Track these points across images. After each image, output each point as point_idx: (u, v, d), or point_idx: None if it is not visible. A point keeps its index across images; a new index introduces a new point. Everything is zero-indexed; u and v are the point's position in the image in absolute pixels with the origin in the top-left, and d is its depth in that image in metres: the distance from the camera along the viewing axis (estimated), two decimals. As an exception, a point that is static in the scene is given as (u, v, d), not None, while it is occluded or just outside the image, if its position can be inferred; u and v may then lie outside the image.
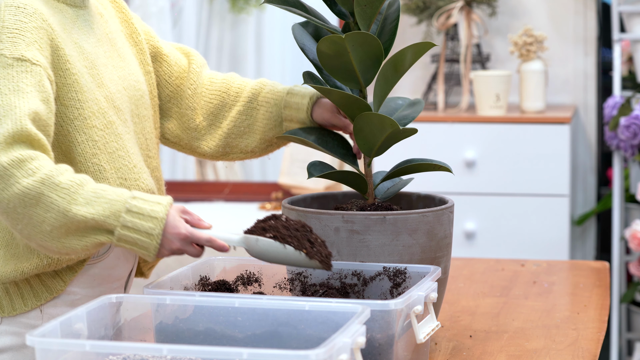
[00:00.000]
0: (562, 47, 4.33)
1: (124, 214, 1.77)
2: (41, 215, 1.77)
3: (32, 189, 1.75)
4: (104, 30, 2.07)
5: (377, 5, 1.95)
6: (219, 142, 2.21)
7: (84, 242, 1.79)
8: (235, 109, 2.20)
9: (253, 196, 4.93)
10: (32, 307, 1.97)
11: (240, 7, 5.58)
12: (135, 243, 1.77)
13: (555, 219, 3.93)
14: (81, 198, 1.77)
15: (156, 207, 1.78)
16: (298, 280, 1.93)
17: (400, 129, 1.94)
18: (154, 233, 1.77)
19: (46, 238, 1.79)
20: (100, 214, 1.76)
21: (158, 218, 1.77)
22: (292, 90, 2.18)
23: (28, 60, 1.86)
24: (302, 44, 2.06)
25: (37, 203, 1.76)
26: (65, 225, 1.77)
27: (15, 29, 1.87)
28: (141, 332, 1.77)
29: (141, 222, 1.77)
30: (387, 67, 1.95)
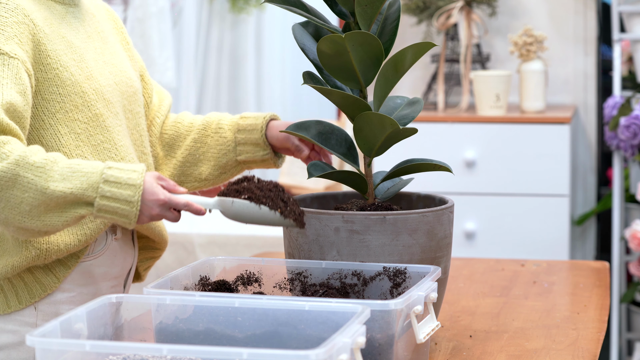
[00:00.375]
0: (562, 47, 4.33)
1: (102, 184, 1.80)
2: (19, 197, 1.79)
3: (7, 171, 1.78)
4: (95, 28, 2.10)
5: (377, 6, 1.95)
6: (173, 172, 2.26)
7: (64, 218, 1.82)
8: (189, 138, 2.26)
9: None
10: (26, 304, 1.98)
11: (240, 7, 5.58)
12: (115, 212, 1.81)
13: (555, 219, 3.93)
14: (57, 174, 1.80)
15: (132, 174, 1.82)
16: (298, 280, 1.93)
17: (400, 128, 1.94)
18: (133, 200, 1.81)
19: (25, 218, 1.81)
20: (78, 187, 1.80)
21: (136, 185, 1.81)
22: (245, 115, 2.24)
23: (6, 54, 1.89)
24: (302, 44, 2.07)
25: (14, 184, 1.79)
26: (44, 203, 1.80)
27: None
28: (141, 332, 1.77)
29: (119, 190, 1.81)
30: (387, 67, 1.95)
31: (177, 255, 4.16)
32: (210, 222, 4.50)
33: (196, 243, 4.23)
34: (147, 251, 2.19)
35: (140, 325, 1.76)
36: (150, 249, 2.19)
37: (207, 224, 4.40)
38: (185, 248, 4.22)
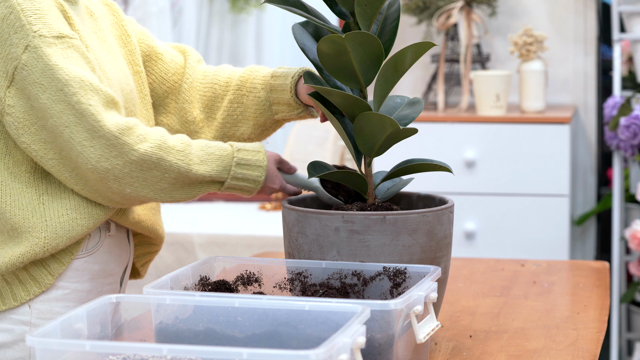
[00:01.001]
0: (562, 47, 4.33)
1: (234, 167, 1.98)
2: (158, 176, 1.91)
3: (150, 154, 1.89)
4: (93, 28, 2.09)
5: (377, 5, 1.95)
6: (216, 133, 2.24)
7: (192, 193, 1.98)
8: (226, 98, 2.23)
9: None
10: (21, 301, 1.98)
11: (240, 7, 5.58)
12: (241, 189, 2.01)
13: (555, 219, 3.93)
14: (196, 158, 1.95)
15: (258, 155, 2.01)
16: (298, 280, 1.93)
17: (400, 128, 1.94)
18: (259, 180, 2.01)
19: (156, 194, 1.94)
20: (215, 170, 1.96)
21: (262, 166, 2.01)
22: (276, 72, 2.21)
23: (67, 36, 1.91)
24: (302, 44, 2.06)
25: (156, 166, 1.90)
26: (181, 181, 1.94)
27: (37, 9, 1.89)
28: (141, 332, 1.77)
29: (249, 172, 2.00)
30: (387, 67, 1.95)
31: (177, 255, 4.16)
32: (210, 222, 4.50)
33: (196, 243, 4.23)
34: (143, 247, 2.19)
35: (140, 325, 1.76)
36: (147, 244, 2.19)
37: (207, 224, 4.40)
38: (185, 248, 4.22)
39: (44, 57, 1.86)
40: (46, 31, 1.87)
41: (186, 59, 2.26)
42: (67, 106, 1.86)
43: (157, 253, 2.23)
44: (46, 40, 1.87)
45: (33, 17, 1.88)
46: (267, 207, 4.77)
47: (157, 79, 2.23)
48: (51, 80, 1.86)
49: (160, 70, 2.23)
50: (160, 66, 2.23)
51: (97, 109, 1.86)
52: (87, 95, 1.86)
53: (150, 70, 2.22)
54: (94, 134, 1.86)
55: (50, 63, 1.86)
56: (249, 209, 4.80)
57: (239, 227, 4.39)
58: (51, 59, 1.87)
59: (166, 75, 2.23)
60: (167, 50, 2.26)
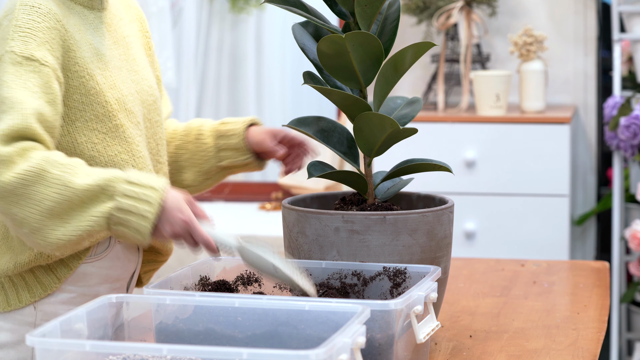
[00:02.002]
0: (562, 47, 4.33)
1: (123, 184, 1.80)
2: (42, 193, 1.78)
3: (34, 166, 1.78)
4: (121, 33, 2.08)
5: (377, 5, 1.95)
6: None
7: (88, 219, 1.79)
8: (172, 145, 2.26)
9: (253, 196, 4.94)
10: (26, 303, 1.98)
11: (240, 7, 5.58)
12: (133, 213, 1.79)
13: (555, 219, 3.93)
14: (81, 172, 1.80)
15: (154, 182, 1.82)
16: (298, 280, 1.93)
17: (400, 128, 1.94)
18: (152, 202, 1.80)
19: (45, 218, 1.79)
20: (101, 178, 1.80)
21: (158, 189, 1.81)
22: (225, 120, 2.25)
23: (37, 60, 1.87)
24: (302, 44, 2.06)
25: (38, 180, 1.78)
26: (68, 199, 1.79)
27: (28, 28, 1.88)
28: (141, 332, 1.77)
29: (141, 190, 1.81)
30: (387, 67, 1.95)
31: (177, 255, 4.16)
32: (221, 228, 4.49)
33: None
34: (151, 255, 2.18)
35: (140, 325, 1.76)
36: (155, 253, 2.18)
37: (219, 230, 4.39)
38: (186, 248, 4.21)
39: (2, 71, 1.85)
40: (19, 49, 1.86)
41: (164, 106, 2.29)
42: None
43: (164, 263, 2.22)
44: (14, 57, 1.86)
45: (18, 34, 1.88)
46: (267, 207, 4.77)
47: None
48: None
49: None
50: None
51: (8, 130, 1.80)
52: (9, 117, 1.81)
53: None
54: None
55: (2, 78, 1.85)
56: (249, 209, 4.80)
57: (239, 227, 4.39)
58: (5, 75, 1.85)
59: None
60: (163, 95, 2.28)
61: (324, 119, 2.09)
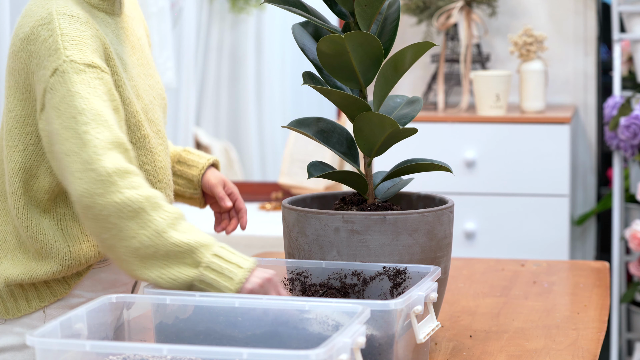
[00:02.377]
0: (562, 47, 4.33)
1: (218, 247, 1.74)
2: (133, 230, 1.71)
3: (134, 201, 1.71)
4: (135, 36, 2.05)
5: (377, 5, 1.95)
6: None
7: (167, 273, 1.72)
8: None
9: (253, 196, 4.94)
10: (35, 308, 1.98)
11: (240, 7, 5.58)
12: (222, 272, 1.73)
13: (555, 219, 3.93)
14: (179, 226, 1.73)
15: (243, 262, 1.74)
16: (298, 280, 1.93)
17: (400, 128, 1.94)
18: (244, 265, 1.73)
19: (129, 255, 1.72)
20: (194, 240, 1.72)
21: (244, 268, 1.73)
22: (190, 149, 2.24)
23: (98, 67, 1.83)
24: (302, 44, 2.06)
25: (134, 217, 1.71)
26: (155, 246, 1.71)
27: (77, 37, 1.83)
28: (141, 332, 1.77)
29: (232, 256, 1.74)
30: (387, 67, 1.95)
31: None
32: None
33: None
34: None
35: (140, 325, 1.76)
36: None
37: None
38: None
39: (68, 83, 1.79)
40: (78, 57, 1.80)
41: None
42: (74, 134, 1.75)
43: None
44: (76, 66, 1.80)
45: (70, 43, 1.81)
46: (267, 207, 4.77)
47: None
48: (68, 106, 1.78)
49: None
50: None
51: (102, 144, 1.75)
52: (98, 129, 1.76)
53: None
54: (87, 165, 1.73)
55: (73, 89, 1.78)
56: (249, 209, 4.79)
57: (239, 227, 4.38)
58: (75, 85, 1.79)
59: None
60: None
61: (324, 120, 2.09)
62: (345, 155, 2.08)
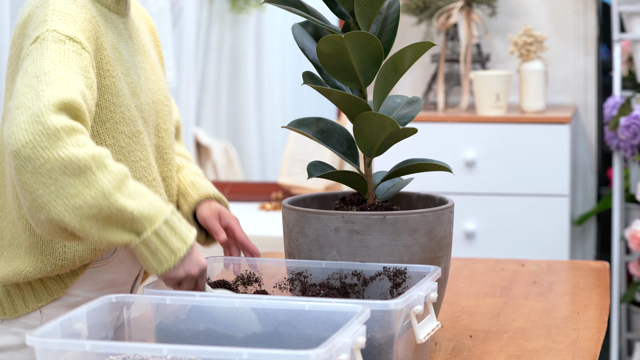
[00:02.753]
0: (562, 47, 4.33)
1: (161, 223, 1.73)
2: (76, 188, 1.68)
3: (80, 159, 1.67)
4: (141, 41, 2.06)
5: (377, 5, 1.95)
6: None
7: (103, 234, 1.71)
8: None
9: (253, 196, 4.94)
10: (32, 308, 1.97)
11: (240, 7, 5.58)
12: (154, 253, 1.74)
13: (555, 219, 3.93)
14: (125, 189, 1.71)
15: (189, 233, 1.76)
16: (298, 280, 1.93)
17: (400, 128, 1.94)
18: (177, 254, 1.74)
19: (68, 212, 1.68)
20: (140, 210, 1.71)
21: (187, 243, 1.75)
22: (196, 181, 2.18)
23: (80, 43, 1.81)
24: (302, 44, 2.06)
25: (79, 175, 1.67)
26: (99, 207, 1.69)
27: (67, 14, 1.83)
28: (141, 332, 1.77)
29: (172, 237, 1.74)
30: (386, 67, 1.95)
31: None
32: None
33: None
34: None
35: (140, 325, 1.76)
36: None
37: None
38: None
39: (44, 48, 1.77)
40: (61, 29, 1.79)
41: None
42: (32, 90, 1.72)
43: None
44: (57, 35, 1.79)
45: (58, 17, 1.81)
46: (267, 207, 4.77)
47: None
48: (35, 67, 1.75)
49: None
50: None
51: (56, 101, 1.70)
52: (56, 89, 1.72)
53: None
54: (36, 118, 1.68)
55: (46, 54, 1.76)
56: (249, 209, 4.80)
57: (239, 227, 4.38)
58: (49, 51, 1.77)
59: None
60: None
61: (323, 120, 2.09)
62: (345, 155, 2.08)
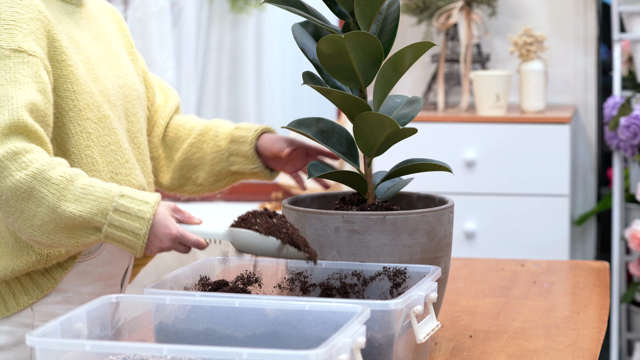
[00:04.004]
0: (562, 47, 4.33)
1: (112, 212, 1.80)
2: (32, 210, 1.79)
3: (24, 182, 1.77)
4: (100, 30, 2.09)
5: (377, 5, 1.95)
6: (173, 174, 2.27)
7: (73, 240, 1.82)
8: (187, 142, 2.27)
9: (253, 196, 4.94)
10: (24, 305, 1.98)
11: (240, 7, 5.58)
12: (122, 241, 1.81)
13: (555, 219, 3.93)
14: (70, 194, 1.79)
15: (143, 206, 1.81)
16: (298, 280, 1.93)
17: (400, 128, 1.94)
18: (140, 233, 1.80)
19: (36, 232, 1.81)
20: (88, 211, 1.79)
21: (145, 218, 1.80)
22: (240, 125, 2.26)
23: (25, 52, 1.87)
24: (302, 44, 2.06)
25: (29, 197, 1.78)
26: (55, 221, 1.79)
27: (12, 21, 1.88)
28: (141, 332, 1.77)
29: (128, 221, 1.80)
30: (386, 67, 1.95)
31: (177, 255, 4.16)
32: (210, 222, 4.49)
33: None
34: None
35: (140, 325, 1.76)
36: None
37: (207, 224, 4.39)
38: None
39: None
40: (5, 43, 1.86)
41: (166, 102, 2.29)
42: None
43: (151, 259, 2.22)
44: (1, 51, 1.86)
45: (3, 27, 1.88)
46: (267, 207, 4.78)
47: None
48: None
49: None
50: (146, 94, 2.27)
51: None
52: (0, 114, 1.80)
53: None
54: None
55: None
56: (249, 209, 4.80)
57: (239, 227, 4.38)
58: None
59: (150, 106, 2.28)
60: (154, 84, 2.29)
61: (323, 120, 2.09)
62: (345, 155, 2.08)
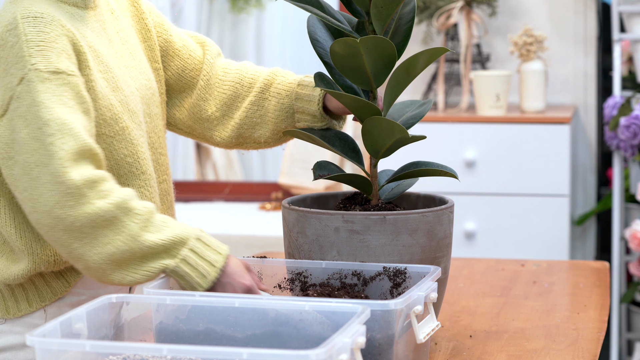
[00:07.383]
0: (562, 47, 4.33)
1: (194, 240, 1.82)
2: (109, 237, 1.77)
3: (106, 211, 1.76)
4: (115, 29, 2.03)
5: (393, 7, 1.94)
6: (231, 133, 2.19)
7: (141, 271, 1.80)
8: (247, 99, 2.18)
9: (253, 196, 4.94)
10: (36, 307, 1.97)
11: (240, 7, 5.58)
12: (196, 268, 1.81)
13: (555, 219, 3.93)
14: (153, 227, 1.79)
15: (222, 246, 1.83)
16: (298, 280, 1.93)
17: (409, 136, 1.94)
18: (216, 264, 1.81)
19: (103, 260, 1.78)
20: (170, 237, 1.79)
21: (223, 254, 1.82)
22: (303, 81, 2.17)
23: (64, 72, 1.83)
24: (314, 36, 2.06)
25: (109, 225, 1.77)
26: (131, 250, 1.78)
27: (41, 41, 1.83)
28: (141, 332, 1.77)
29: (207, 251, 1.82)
30: (399, 71, 1.95)
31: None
32: (210, 222, 4.50)
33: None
34: None
35: (140, 325, 1.76)
36: None
37: (207, 224, 4.40)
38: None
39: (33, 92, 1.80)
40: (43, 65, 1.81)
41: (205, 54, 2.21)
42: (41, 145, 1.78)
43: None
44: (41, 74, 1.81)
45: (35, 49, 1.82)
46: (267, 207, 4.77)
47: (174, 75, 2.19)
48: (34, 116, 1.79)
49: (178, 67, 2.18)
50: (177, 63, 2.18)
51: (68, 155, 1.77)
52: (63, 139, 1.78)
53: (167, 66, 2.17)
54: (56, 178, 1.76)
55: (38, 99, 1.80)
56: (249, 209, 4.80)
57: (239, 227, 4.39)
58: (40, 95, 1.80)
59: (183, 72, 2.18)
60: (185, 44, 2.20)
61: None
62: (350, 157, 2.07)
